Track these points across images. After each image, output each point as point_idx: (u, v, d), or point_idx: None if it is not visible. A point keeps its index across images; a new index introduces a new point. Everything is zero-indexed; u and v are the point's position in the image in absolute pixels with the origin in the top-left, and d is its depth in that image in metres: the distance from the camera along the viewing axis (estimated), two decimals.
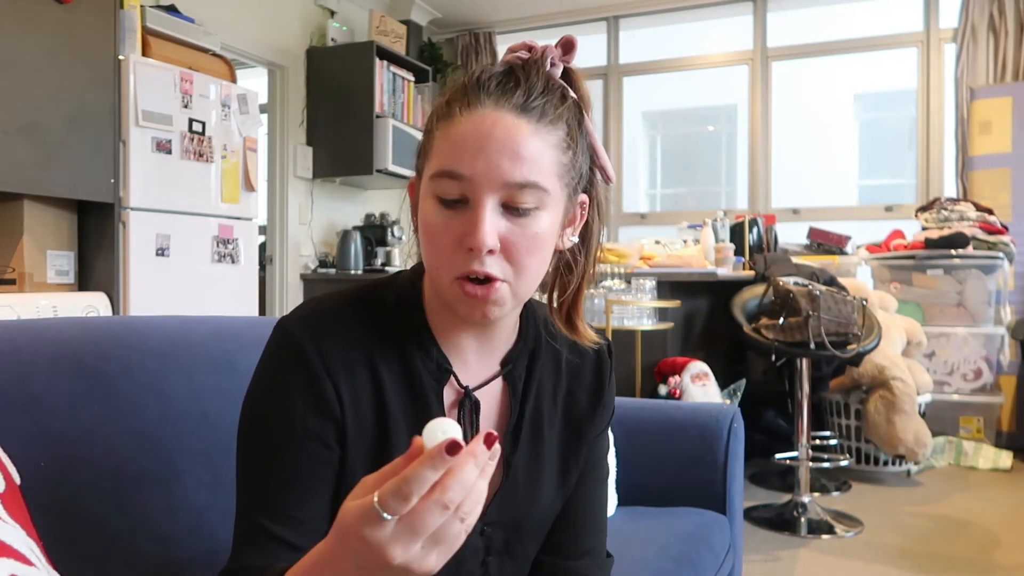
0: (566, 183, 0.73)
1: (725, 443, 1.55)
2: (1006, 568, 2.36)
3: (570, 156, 0.73)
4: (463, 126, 0.69)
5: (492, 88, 0.70)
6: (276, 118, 4.43)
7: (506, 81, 0.71)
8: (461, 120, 0.70)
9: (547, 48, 0.74)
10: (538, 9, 5.22)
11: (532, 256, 0.71)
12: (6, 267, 2.64)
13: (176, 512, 0.98)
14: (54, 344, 0.97)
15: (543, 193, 0.70)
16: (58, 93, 2.60)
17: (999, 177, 4.04)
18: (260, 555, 0.68)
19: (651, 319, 2.86)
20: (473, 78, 0.72)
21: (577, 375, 0.87)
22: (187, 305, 3.00)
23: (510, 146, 0.68)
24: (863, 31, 4.88)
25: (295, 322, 0.74)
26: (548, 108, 0.71)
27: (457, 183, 0.69)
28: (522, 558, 0.84)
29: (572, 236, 0.78)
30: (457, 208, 0.69)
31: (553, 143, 0.71)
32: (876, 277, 4.07)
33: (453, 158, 0.69)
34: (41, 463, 0.88)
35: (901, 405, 3.23)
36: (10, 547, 0.68)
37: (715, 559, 1.41)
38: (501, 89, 0.70)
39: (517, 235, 0.70)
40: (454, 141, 0.69)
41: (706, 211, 4.47)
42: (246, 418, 0.74)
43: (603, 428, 0.90)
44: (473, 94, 0.70)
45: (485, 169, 0.68)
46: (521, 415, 0.81)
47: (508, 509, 0.80)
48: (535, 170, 0.69)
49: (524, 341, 0.83)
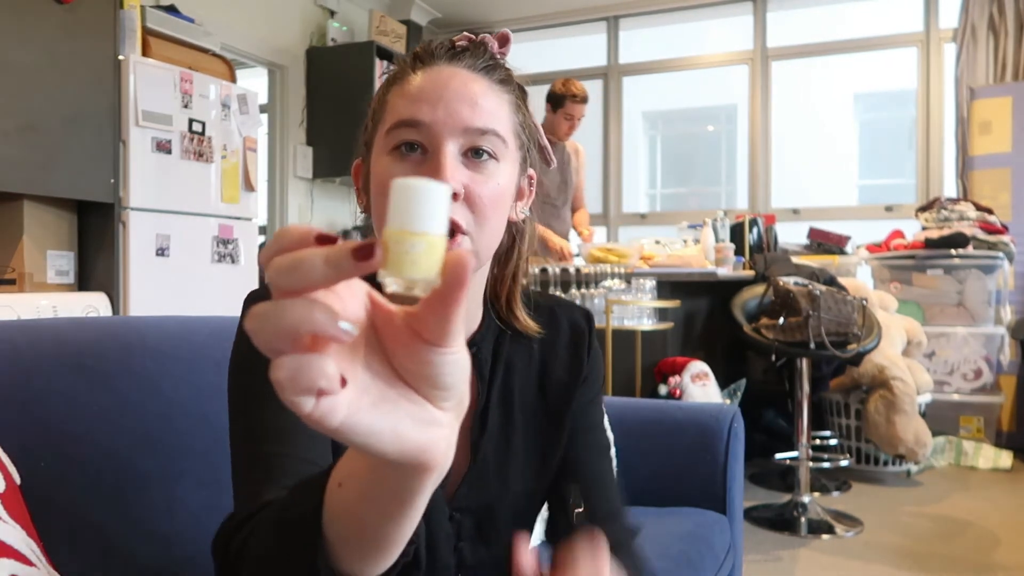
0: (520, 144, 0.74)
1: (725, 443, 1.55)
2: (1006, 568, 2.36)
3: (521, 118, 0.74)
4: (419, 80, 0.70)
5: (444, 52, 0.72)
6: (276, 118, 4.43)
7: (457, 49, 0.73)
8: (416, 76, 0.71)
9: (486, 37, 0.75)
10: (538, 9, 5.22)
11: (494, 208, 0.70)
12: (6, 267, 2.64)
13: (176, 512, 0.98)
14: (54, 344, 0.97)
15: (501, 143, 0.71)
16: (58, 93, 2.60)
17: (999, 177, 4.04)
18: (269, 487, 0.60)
19: (651, 319, 2.86)
20: (423, 47, 0.73)
21: (551, 350, 0.85)
22: (187, 305, 3.00)
23: (468, 95, 0.69)
24: (863, 31, 4.88)
25: (262, 288, 0.72)
26: (498, 72, 0.73)
27: (416, 131, 0.68)
28: (497, 544, 0.81)
29: (523, 208, 0.79)
30: (415, 159, 0.69)
31: (507, 100, 0.73)
32: (876, 277, 4.07)
33: (411, 108, 0.69)
34: (41, 463, 0.88)
35: (901, 405, 3.23)
36: (10, 547, 0.68)
37: (715, 559, 1.41)
38: (452, 53, 0.72)
39: (479, 183, 0.69)
40: (410, 94, 0.70)
41: (706, 211, 4.47)
42: (231, 387, 0.71)
43: (590, 399, 0.87)
44: (427, 56, 0.72)
45: (445, 115, 0.68)
46: (488, 399, 0.79)
47: (477, 494, 0.78)
48: (493, 119, 0.70)
49: (488, 322, 0.81)
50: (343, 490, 0.42)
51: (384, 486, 0.39)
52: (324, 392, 0.32)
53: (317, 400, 0.32)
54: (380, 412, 0.34)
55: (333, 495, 0.43)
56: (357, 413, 0.33)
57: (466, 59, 0.72)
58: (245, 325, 0.32)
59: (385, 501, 0.40)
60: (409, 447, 0.35)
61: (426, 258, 0.32)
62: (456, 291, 0.32)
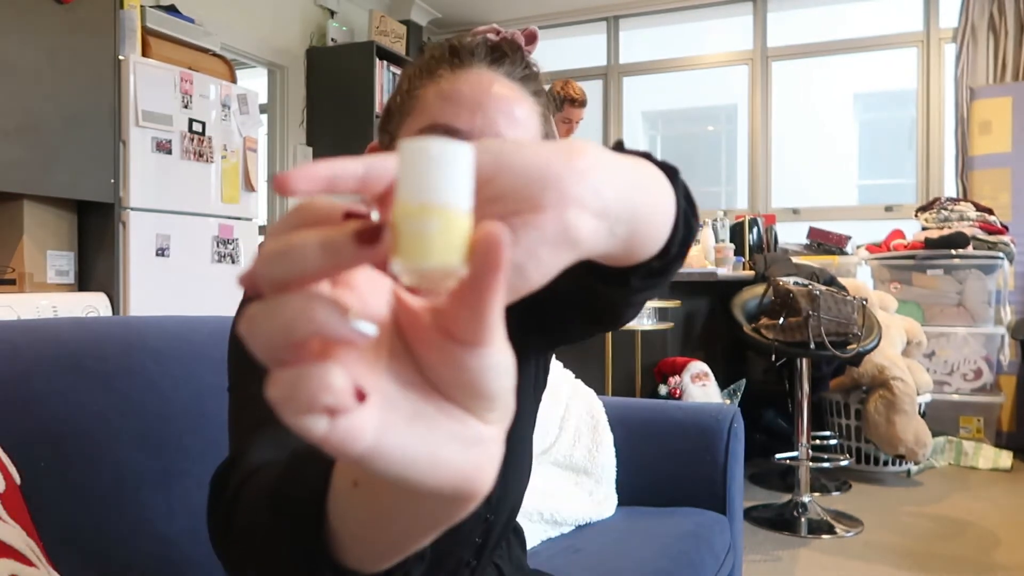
0: None
1: (725, 443, 1.55)
2: (1006, 568, 2.36)
3: (546, 130, 0.74)
4: (458, 83, 0.69)
5: (483, 55, 0.71)
6: (276, 118, 4.43)
7: (494, 51, 0.71)
8: (454, 77, 0.70)
9: (515, 33, 0.75)
10: (538, 9, 5.22)
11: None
12: (6, 267, 2.64)
13: (176, 512, 0.98)
14: (54, 344, 0.97)
15: None
16: (58, 93, 2.60)
17: (999, 177, 4.04)
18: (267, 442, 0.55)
19: (651, 319, 2.86)
20: (459, 44, 0.72)
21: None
22: (187, 305, 3.00)
23: (506, 106, 0.68)
24: (863, 31, 4.88)
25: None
26: (533, 83, 0.73)
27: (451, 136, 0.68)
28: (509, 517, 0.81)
29: None
30: None
31: (538, 113, 0.72)
32: (876, 277, 4.07)
33: (448, 112, 0.68)
34: (41, 463, 0.87)
35: (901, 405, 3.23)
36: (10, 547, 0.68)
37: (715, 559, 1.41)
38: (491, 56, 0.71)
39: None
40: (448, 96, 0.69)
41: (706, 211, 4.47)
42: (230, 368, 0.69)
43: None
44: (465, 56, 0.71)
45: (483, 125, 0.67)
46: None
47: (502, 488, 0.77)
48: (523, 131, 0.69)
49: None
50: (359, 492, 0.33)
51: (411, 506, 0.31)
52: (335, 410, 0.25)
53: (332, 420, 0.25)
54: (415, 433, 0.27)
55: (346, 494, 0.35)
56: (387, 435, 0.26)
57: (505, 65, 0.71)
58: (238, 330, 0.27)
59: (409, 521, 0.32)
60: (450, 476, 0.27)
61: (447, 239, 0.25)
62: (490, 278, 0.25)
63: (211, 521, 0.51)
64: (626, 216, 0.36)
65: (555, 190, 0.31)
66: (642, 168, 0.41)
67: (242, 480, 0.49)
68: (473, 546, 0.77)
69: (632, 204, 0.37)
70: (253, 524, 0.45)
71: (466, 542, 0.77)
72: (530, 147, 0.33)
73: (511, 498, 0.80)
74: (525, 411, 0.83)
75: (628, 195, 0.36)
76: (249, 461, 0.51)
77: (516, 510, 0.84)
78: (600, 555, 1.34)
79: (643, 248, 0.41)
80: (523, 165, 0.31)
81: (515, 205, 0.31)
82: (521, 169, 0.31)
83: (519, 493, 0.82)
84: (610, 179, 0.35)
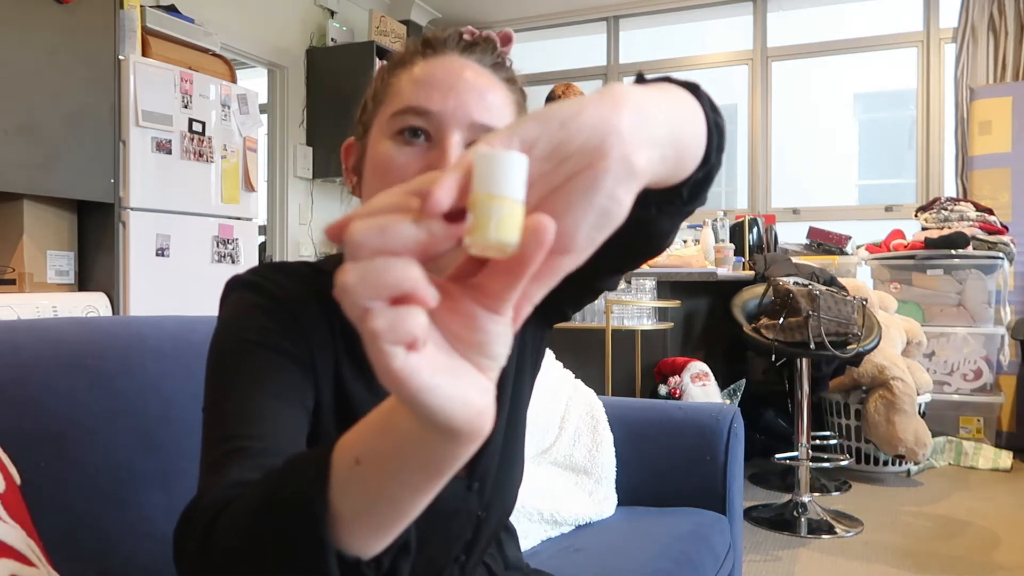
0: None
1: (725, 443, 1.55)
2: (1006, 568, 2.36)
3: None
4: (430, 67, 0.70)
5: (455, 44, 0.72)
6: (276, 118, 4.43)
7: (467, 42, 0.73)
8: (427, 63, 0.71)
9: (491, 33, 0.76)
10: (538, 9, 5.22)
11: None
12: (6, 267, 2.64)
13: (175, 512, 0.97)
14: (54, 344, 0.97)
15: None
16: (58, 93, 2.60)
17: (999, 177, 4.04)
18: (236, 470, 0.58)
19: (651, 319, 2.86)
20: (432, 35, 0.73)
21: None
22: (187, 305, 3.00)
23: (478, 88, 0.69)
24: (863, 31, 4.88)
25: (246, 273, 0.71)
26: (505, 71, 0.74)
27: (423, 118, 0.68)
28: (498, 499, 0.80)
29: None
30: (420, 146, 0.68)
31: (511, 100, 0.73)
32: (876, 277, 4.07)
33: (420, 95, 0.68)
34: (41, 463, 0.88)
35: (901, 405, 3.23)
36: (10, 547, 0.68)
37: (715, 559, 1.41)
38: (463, 45, 0.72)
39: None
40: (420, 80, 0.69)
41: (706, 211, 4.47)
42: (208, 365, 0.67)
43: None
44: (437, 44, 0.72)
45: (455, 106, 0.68)
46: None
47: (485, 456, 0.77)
48: (497, 117, 0.70)
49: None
50: (362, 467, 0.40)
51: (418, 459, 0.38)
52: (414, 346, 0.32)
53: (407, 353, 0.31)
54: (452, 378, 0.34)
55: (348, 472, 0.41)
56: (437, 376, 0.33)
57: (476, 53, 0.72)
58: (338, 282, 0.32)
59: (416, 474, 0.39)
60: (473, 414, 0.35)
61: (509, 221, 0.33)
62: (535, 254, 0.32)
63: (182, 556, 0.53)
64: (671, 139, 0.42)
65: (614, 138, 0.36)
66: (671, 93, 0.46)
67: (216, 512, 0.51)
68: (464, 543, 0.78)
69: (673, 128, 0.43)
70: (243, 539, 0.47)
71: (457, 539, 0.77)
72: (576, 107, 0.37)
73: (503, 497, 0.80)
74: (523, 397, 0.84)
75: (669, 122, 0.42)
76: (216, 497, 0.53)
77: (509, 510, 0.84)
78: (600, 555, 1.33)
79: (688, 163, 0.47)
80: (579, 126, 0.36)
81: (587, 159, 0.36)
82: (579, 129, 0.36)
83: (512, 494, 0.82)
84: (653, 113, 0.40)
